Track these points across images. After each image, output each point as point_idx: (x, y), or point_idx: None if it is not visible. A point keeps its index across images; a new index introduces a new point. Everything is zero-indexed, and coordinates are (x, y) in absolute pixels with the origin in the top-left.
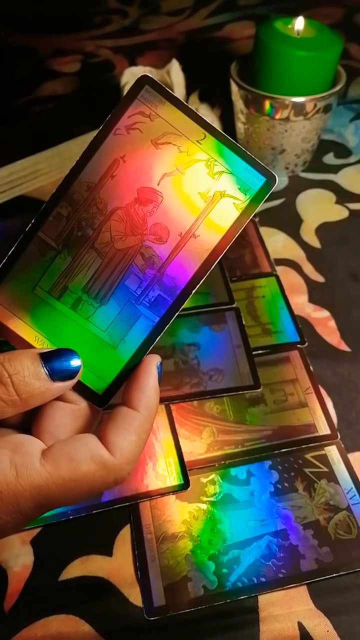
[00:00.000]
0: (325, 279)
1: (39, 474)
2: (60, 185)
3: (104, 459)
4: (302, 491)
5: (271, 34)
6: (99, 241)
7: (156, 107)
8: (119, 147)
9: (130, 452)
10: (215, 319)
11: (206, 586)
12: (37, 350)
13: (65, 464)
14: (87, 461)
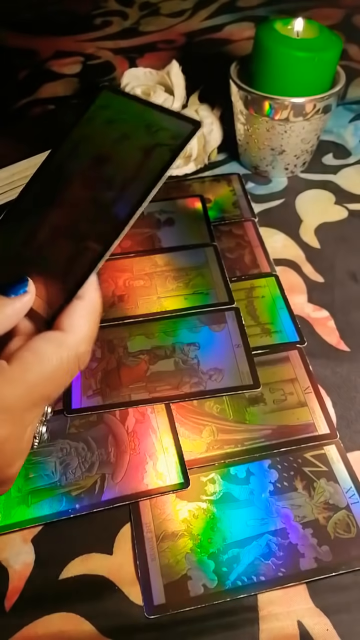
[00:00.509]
0: (325, 279)
1: (9, 369)
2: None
3: (61, 339)
4: (302, 490)
5: (271, 35)
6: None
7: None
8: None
9: (81, 328)
10: (215, 319)
11: (206, 585)
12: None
13: (31, 357)
14: (47, 347)
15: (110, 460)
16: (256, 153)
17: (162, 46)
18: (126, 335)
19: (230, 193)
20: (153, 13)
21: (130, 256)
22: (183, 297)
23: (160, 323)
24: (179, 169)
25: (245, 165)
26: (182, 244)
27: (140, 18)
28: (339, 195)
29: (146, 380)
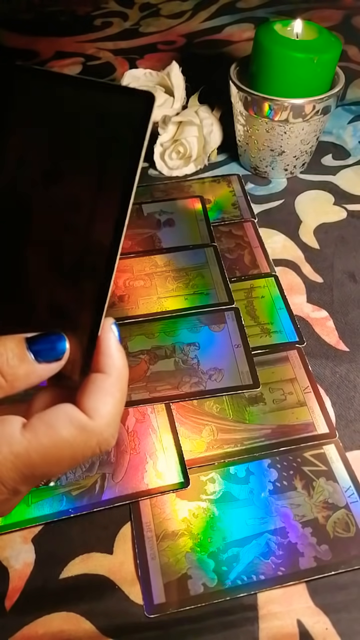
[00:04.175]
0: (324, 279)
1: (18, 442)
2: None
3: (82, 422)
4: (301, 489)
5: (270, 36)
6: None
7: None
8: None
9: (107, 413)
10: (215, 319)
11: (206, 584)
12: (23, 335)
13: (44, 431)
14: (65, 426)
15: (110, 459)
16: (256, 154)
17: (162, 47)
18: (126, 335)
19: (230, 194)
20: (153, 14)
21: (131, 256)
22: (183, 297)
23: (160, 323)
24: (178, 170)
25: (244, 166)
26: (182, 245)
27: (140, 19)
28: (338, 196)
29: (146, 380)
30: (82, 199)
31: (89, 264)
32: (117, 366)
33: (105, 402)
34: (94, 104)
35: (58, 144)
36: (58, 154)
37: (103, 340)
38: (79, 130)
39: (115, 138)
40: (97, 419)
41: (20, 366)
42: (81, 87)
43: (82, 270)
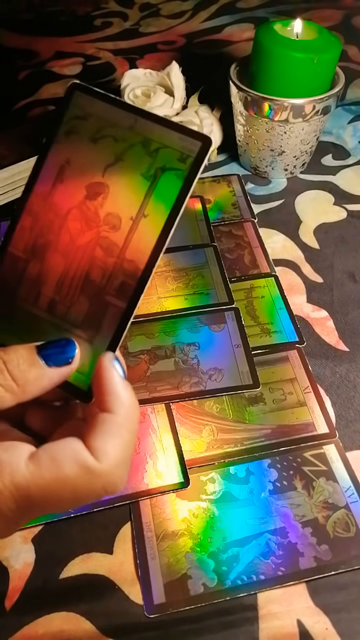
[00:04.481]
0: (324, 279)
1: (21, 472)
2: (19, 200)
3: (88, 463)
4: (301, 489)
5: (270, 36)
6: (61, 243)
7: (88, 107)
8: (62, 153)
9: (115, 455)
10: (215, 319)
11: (206, 584)
12: (33, 344)
13: (48, 465)
14: (70, 463)
15: None
16: (256, 154)
17: (162, 47)
18: (127, 335)
19: (230, 194)
20: (153, 14)
21: None
22: (183, 297)
23: (160, 323)
24: None
25: (244, 166)
26: (182, 245)
27: (140, 19)
28: (338, 196)
29: (146, 380)
30: (123, 219)
31: (119, 282)
32: (125, 404)
33: (113, 444)
34: (152, 135)
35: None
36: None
37: (105, 378)
38: (132, 155)
39: (167, 170)
40: (103, 462)
41: (31, 370)
42: (143, 116)
43: (112, 286)
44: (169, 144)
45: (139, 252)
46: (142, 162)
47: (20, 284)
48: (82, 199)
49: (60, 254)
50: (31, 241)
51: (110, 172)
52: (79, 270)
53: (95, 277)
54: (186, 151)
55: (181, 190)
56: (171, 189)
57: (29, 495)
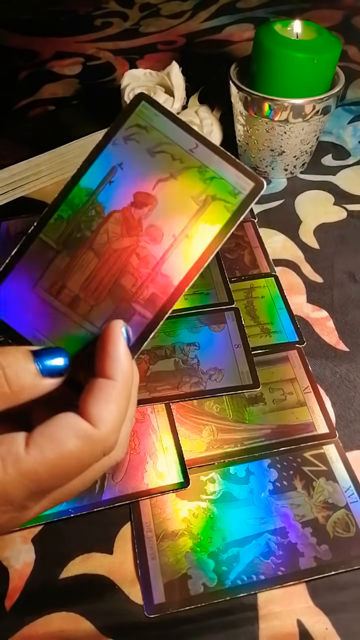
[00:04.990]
0: (324, 279)
1: (25, 460)
2: (62, 191)
3: (87, 432)
4: (301, 489)
5: (270, 36)
6: (97, 242)
7: (152, 120)
8: (117, 155)
9: (112, 420)
10: (215, 319)
11: (206, 584)
12: (29, 348)
13: (48, 445)
14: (69, 438)
15: None
16: (256, 154)
17: (162, 47)
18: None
19: None
20: (153, 14)
21: None
22: (183, 297)
23: None
24: None
25: None
26: None
27: (140, 19)
28: (338, 196)
29: (146, 380)
30: (165, 233)
31: (149, 293)
32: (124, 372)
33: (110, 409)
34: (209, 163)
35: (162, 177)
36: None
37: (111, 343)
38: (186, 176)
39: (217, 199)
40: (101, 428)
41: (27, 378)
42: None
43: (141, 296)
44: (224, 177)
45: (175, 269)
46: (195, 186)
47: (44, 272)
48: (127, 205)
49: (94, 253)
50: (66, 233)
51: (162, 187)
52: (110, 273)
53: (126, 283)
54: (239, 187)
55: (227, 221)
56: (218, 218)
57: (38, 478)
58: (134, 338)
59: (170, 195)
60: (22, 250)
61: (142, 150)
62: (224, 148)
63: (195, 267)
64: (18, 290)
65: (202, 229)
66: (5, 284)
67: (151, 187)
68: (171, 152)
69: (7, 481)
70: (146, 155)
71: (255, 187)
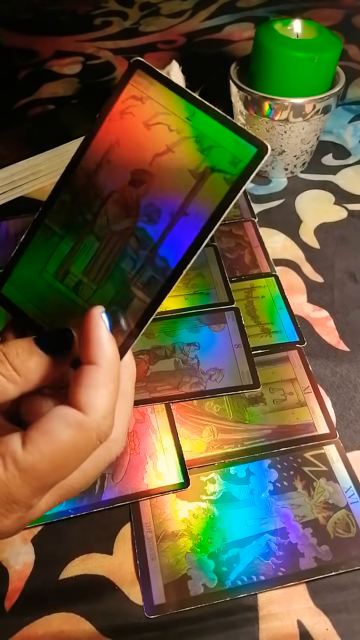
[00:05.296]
0: (324, 279)
1: (22, 458)
2: (62, 174)
3: (78, 420)
4: (302, 490)
5: (270, 35)
6: (97, 225)
7: (147, 89)
8: (114, 132)
9: (102, 405)
10: (215, 319)
11: (206, 584)
12: (31, 337)
13: (43, 439)
14: (62, 429)
15: None
16: None
17: (162, 46)
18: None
19: None
20: (153, 13)
21: None
22: (183, 297)
23: (160, 323)
24: None
25: None
26: None
27: (140, 18)
28: (338, 195)
29: (146, 380)
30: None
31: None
32: (108, 356)
33: (99, 394)
34: (208, 131)
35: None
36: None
37: (93, 329)
38: (183, 148)
39: (216, 171)
40: (92, 413)
41: (31, 359)
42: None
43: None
44: (223, 144)
45: (173, 251)
46: (192, 158)
47: (50, 258)
48: (125, 184)
49: (95, 236)
50: (69, 217)
51: (159, 162)
52: (110, 256)
53: (126, 266)
54: (239, 155)
55: (226, 195)
56: (217, 192)
57: (39, 474)
58: (133, 323)
59: (168, 170)
60: (29, 237)
61: (138, 123)
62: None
63: (194, 247)
64: (27, 275)
65: (200, 205)
66: (16, 270)
67: (148, 163)
68: (168, 122)
69: (10, 480)
70: (142, 129)
71: (257, 153)
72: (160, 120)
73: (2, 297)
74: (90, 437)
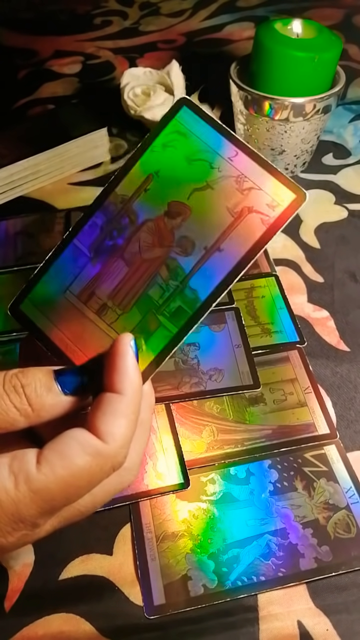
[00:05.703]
0: (325, 279)
1: (35, 478)
2: (98, 197)
3: (96, 448)
4: (302, 490)
5: (270, 35)
6: (128, 251)
7: (191, 126)
8: (155, 163)
9: (121, 435)
10: (215, 319)
11: (206, 585)
12: (51, 367)
13: (59, 462)
14: (79, 454)
15: None
16: None
17: (162, 46)
18: None
19: None
20: (153, 13)
21: None
22: None
23: None
24: None
25: None
26: None
27: (140, 18)
28: (338, 195)
29: None
30: (196, 246)
31: (176, 307)
32: (133, 386)
33: (119, 424)
34: (248, 173)
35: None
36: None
37: (120, 357)
38: (223, 186)
39: (254, 212)
40: (110, 442)
41: (47, 396)
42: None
43: (167, 308)
44: (263, 187)
45: (204, 283)
46: (231, 197)
47: (75, 278)
48: (161, 215)
49: (124, 262)
50: (99, 240)
51: (197, 196)
52: (139, 283)
53: (154, 294)
54: (278, 199)
55: (262, 235)
56: (252, 232)
57: (50, 496)
58: (156, 352)
59: (205, 205)
60: (56, 254)
61: (180, 157)
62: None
63: (225, 283)
64: (49, 293)
65: (235, 242)
66: (38, 286)
67: (186, 197)
68: (209, 160)
69: (19, 499)
70: (183, 163)
71: (296, 199)
72: (203, 157)
73: (20, 313)
74: (105, 465)
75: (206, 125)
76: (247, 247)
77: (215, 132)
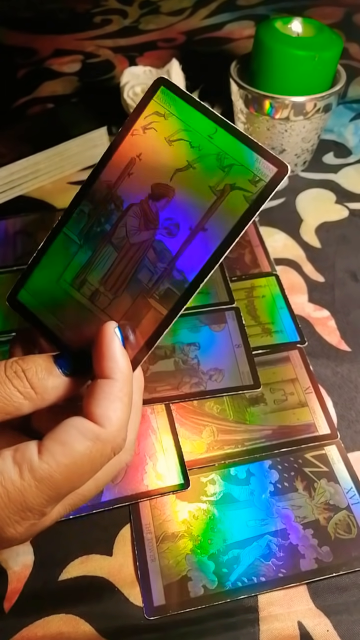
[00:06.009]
0: (325, 278)
1: (39, 467)
2: (83, 185)
3: (95, 432)
4: (302, 491)
5: (271, 33)
6: (116, 236)
7: (170, 106)
8: (136, 146)
9: (117, 418)
10: (215, 319)
11: (206, 586)
12: (50, 354)
13: (60, 450)
14: (79, 440)
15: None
16: None
17: (162, 45)
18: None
19: None
20: (153, 11)
21: None
22: None
23: None
24: None
25: None
26: None
27: (140, 16)
28: (339, 194)
29: (146, 380)
30: (181, 227)
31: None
32: (122, 370)
33: (114, 408)
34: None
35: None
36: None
37: (107, 344)
38: (204, 165)
39: (236, 188)
40: (108, 426)
41: (49, 379)
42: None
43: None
44: (244, 163)
45: (190, 264)
46: (213, 175)
47: (68, 266)
48: (145, 198)
49: (113, 247)
50: (87, 227)
51: (179, 177)
52: (128, 267)
53: (143, 277)
54: (260, 174)
55: (245, 212)
56: (236, 209)
57: (54, 484)
58: (147, 335)
59: (188, 185)
60: (48, 244)
61: (160, 139)
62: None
63: (211, 262)
64: (44, 282)
65: (219, 221)
66: (34, 276)
67: (169, 178)
68: (189, 139)
69: (25, 489)
70: (164, 144)
71: (278, 172)
72: (182, 137)
73: (17, 302)
74: (105, 449)
75: (185, 104)
76: (231, 225)
77: (194, 110)
